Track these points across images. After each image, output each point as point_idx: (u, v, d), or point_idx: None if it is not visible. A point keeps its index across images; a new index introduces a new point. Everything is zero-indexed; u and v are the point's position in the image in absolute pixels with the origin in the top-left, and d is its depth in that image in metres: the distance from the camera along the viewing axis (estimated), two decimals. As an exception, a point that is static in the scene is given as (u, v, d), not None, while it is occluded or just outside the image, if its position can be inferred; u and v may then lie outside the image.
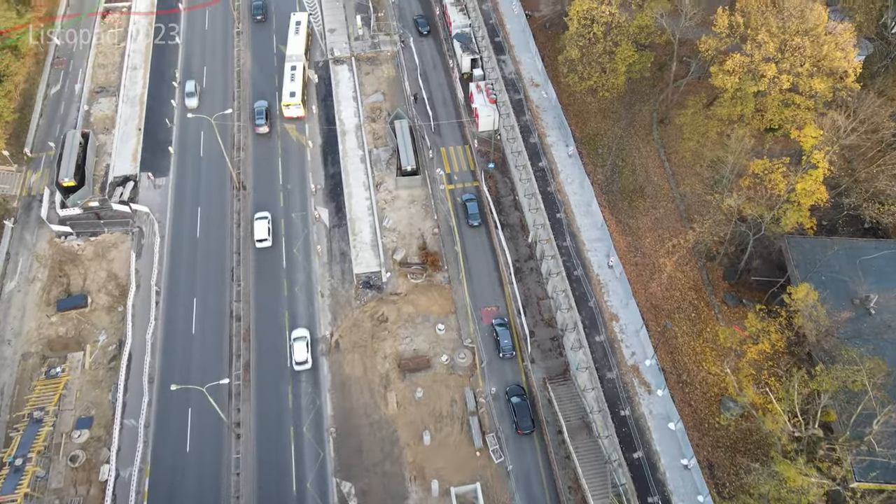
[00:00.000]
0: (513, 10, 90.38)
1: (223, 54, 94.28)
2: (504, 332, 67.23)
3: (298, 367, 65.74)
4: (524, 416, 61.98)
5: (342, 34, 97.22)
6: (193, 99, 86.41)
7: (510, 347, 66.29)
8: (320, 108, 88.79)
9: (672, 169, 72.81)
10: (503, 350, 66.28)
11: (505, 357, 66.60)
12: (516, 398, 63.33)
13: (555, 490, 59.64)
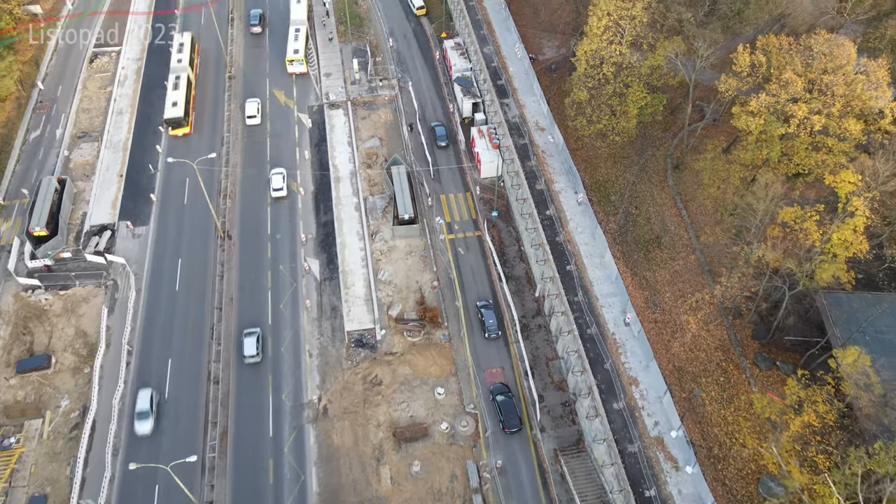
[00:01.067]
0: (516, 54, 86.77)
1: (213, 95, 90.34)
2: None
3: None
4: (511, 415, 60.00)
5: (338, 78, 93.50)
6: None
7: (516, 424, 59.68)
8: (313, 153, 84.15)
9: (690, 217, 67.38)
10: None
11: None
12: (501, 396, 61.42)
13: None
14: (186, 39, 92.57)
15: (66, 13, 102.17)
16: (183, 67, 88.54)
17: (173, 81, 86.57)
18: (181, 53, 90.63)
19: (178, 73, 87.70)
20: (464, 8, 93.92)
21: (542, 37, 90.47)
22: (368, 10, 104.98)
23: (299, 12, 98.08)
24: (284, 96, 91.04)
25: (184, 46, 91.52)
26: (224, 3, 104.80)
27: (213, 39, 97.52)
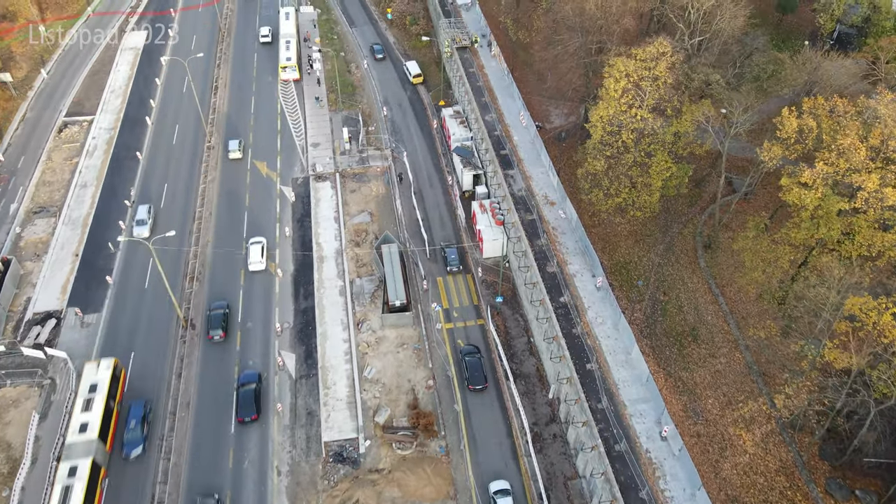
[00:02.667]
0: (521, 122, 79.22)
1: (188, 168, 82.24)
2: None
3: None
4: (477, 374, 58.80)
5: (326, 148, 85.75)
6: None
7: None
8: (295, 230, 75.11)
9: (729, 305, 57.55)
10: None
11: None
12: (469, 357, 60.12)
13: None
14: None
15: (38, 83, 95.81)
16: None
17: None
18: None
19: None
20: (463, 75, 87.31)
21: (548, 104, 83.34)
22: (362, 79, 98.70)
23: (289, 27, 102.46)
24: (266, 168, 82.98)
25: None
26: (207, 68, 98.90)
27: (193, 110, 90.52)
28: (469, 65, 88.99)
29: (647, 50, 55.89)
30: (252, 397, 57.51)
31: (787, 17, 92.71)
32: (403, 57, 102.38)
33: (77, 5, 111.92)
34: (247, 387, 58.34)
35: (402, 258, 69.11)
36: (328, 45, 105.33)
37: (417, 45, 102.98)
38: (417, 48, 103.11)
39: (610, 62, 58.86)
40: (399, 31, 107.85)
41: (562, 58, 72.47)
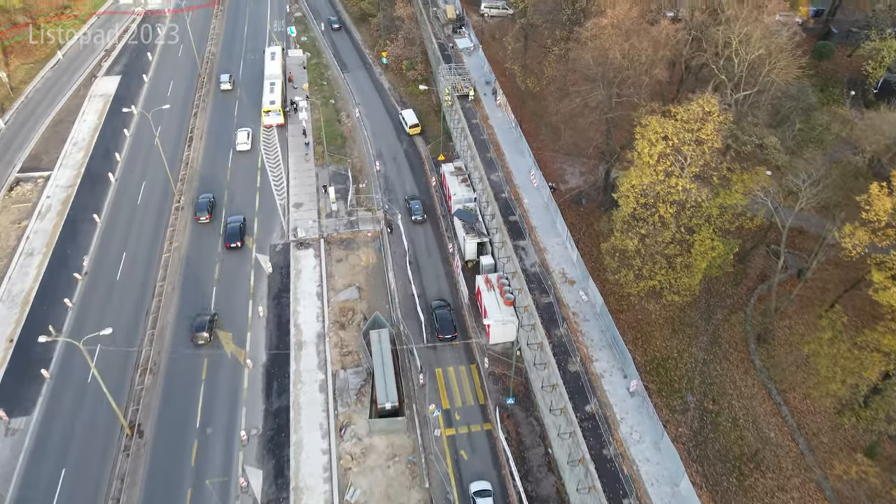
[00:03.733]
0: (531, 182, 69.28)
1: (152, 233, 71.98)
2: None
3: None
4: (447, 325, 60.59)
5: (311, 209, 75.68)
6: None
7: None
8: (271, 308, 64.49)
9: (796, 418, 46.74)
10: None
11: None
12: (441, 310, 61.82)
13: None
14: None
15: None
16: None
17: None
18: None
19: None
20: (465, 126, 77.79)
21: (562, 161, 73.60)
22: (353, 129, 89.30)
23: (274, 68, 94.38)
24: (242, 232, 72.70)
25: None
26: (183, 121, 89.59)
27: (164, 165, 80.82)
28: (472, 115, 79.59)
29: (689, 108, 46.11)
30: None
31: (823, 65, 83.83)
32: (399, 105, 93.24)
33: (45, 49, 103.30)
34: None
35: (393, 345, 58.36)
36: (317, 93, 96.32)
37: (415, 93, 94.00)
38: (415, 95, 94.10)
39: (643, 121, 49.03)
40: (395, 76, 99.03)
41: (579, 111, 62.88)
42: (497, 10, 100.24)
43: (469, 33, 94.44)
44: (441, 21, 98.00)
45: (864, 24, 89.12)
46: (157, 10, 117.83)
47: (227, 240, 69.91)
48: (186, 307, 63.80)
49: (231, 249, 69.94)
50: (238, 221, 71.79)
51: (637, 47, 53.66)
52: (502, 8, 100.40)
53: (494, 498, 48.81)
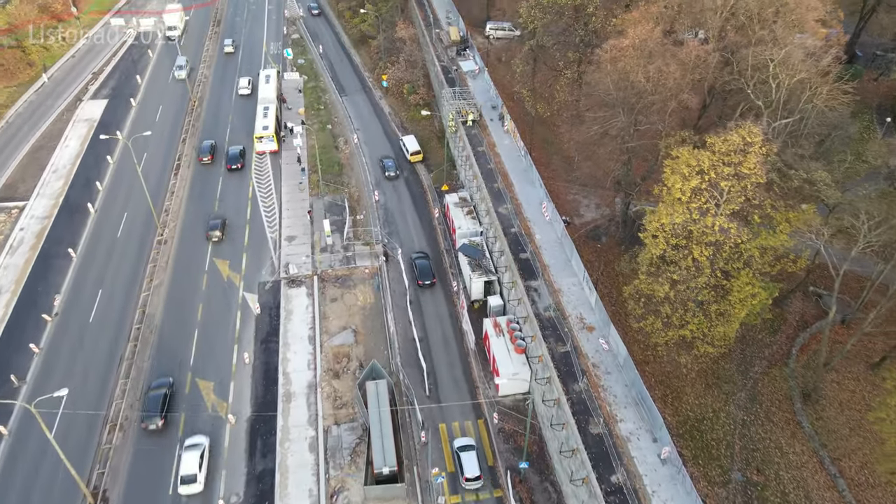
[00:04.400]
0: (543, 215, 63.77)
1: (131, 269, 66.36)
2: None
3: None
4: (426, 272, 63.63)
5: (303, 242, 70.15)
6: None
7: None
8: (257, 354, 58.61)
9: (854, 492, 40.56)
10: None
11: None
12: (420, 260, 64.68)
13: None
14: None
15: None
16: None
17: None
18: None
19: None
20: (471, 154, 72.54)
21: (576, 192, 68.12)
22: (350, 156, 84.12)
23: (269, 91, 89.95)
24: (229, 268, 67.15)
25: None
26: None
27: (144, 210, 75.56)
28: (478, 142, 74.40)
29: (728, 139, 40.69)
30: None
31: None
32: (400, 130, 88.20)
33: (29, 72, 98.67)
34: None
35: (392, 399, 52.38)
36: (314, 118, 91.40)
37: (416, 118, 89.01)
38: (416, 121, 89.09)
39: (673, 153, 43.60)
40: (396, 100, 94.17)
41: (595, 138, 57.60)
42: (503, 31, 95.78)
43: (474, 55, 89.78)
44: (444, 43, 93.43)
45: (890, 47, 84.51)
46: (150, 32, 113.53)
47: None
48: (164, 354, 57.94)
49: (216, 288, 64.27)
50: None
51: (663, 70, 48.52)
52: (508, 30, 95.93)
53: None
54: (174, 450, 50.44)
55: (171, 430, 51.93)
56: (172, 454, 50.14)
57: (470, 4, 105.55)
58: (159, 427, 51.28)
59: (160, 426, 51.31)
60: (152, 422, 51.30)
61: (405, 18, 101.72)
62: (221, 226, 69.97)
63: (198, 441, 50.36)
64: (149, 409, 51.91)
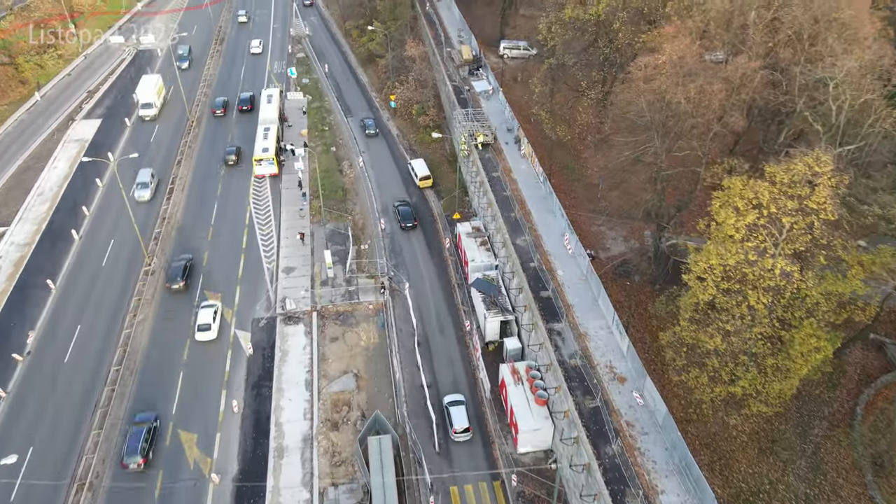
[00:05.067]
0: (565, 248, 57.95)
1: (115, 303, 60.81)
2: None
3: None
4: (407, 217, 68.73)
5: (303, 275, 64.53)
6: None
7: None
8: (247, 402, 52.67)
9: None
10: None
11: None
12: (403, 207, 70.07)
13: None
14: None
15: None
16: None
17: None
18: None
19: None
20: (485, 179, 67.03)
21: (601, 223, 62.29)
22: (356, 180, 78.81)
23: (270, 111, 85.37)
24: (220, 303, 61.42)
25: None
26: (166, 170, 79.38)
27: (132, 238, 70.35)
28: (492, 167, 68.95)
29: (791, 168, 34.94)
30: None
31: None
32: (409, 154, 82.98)
33: (22, 90, 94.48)
34: None
35: (397, 456, 46.27)
36: (318, 139, 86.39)
37: (426, 140, 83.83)
38: (426, 143, 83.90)
39: (724, 183, 37.87)
40: (404, 121, 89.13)
41: (624, 164, 52.00)
42: (518, 50, 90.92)
43: (487, 75, 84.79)
44: (456, 62, 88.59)
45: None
46: (151, 49, 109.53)
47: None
48: (144, 401, 52.07)
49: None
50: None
51: (706, 90, 43.04)
52: (523, 49, 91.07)
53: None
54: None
55: (149, 483, 45.91)
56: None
57: (483, 23, 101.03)
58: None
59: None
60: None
61: (415, 37, 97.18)
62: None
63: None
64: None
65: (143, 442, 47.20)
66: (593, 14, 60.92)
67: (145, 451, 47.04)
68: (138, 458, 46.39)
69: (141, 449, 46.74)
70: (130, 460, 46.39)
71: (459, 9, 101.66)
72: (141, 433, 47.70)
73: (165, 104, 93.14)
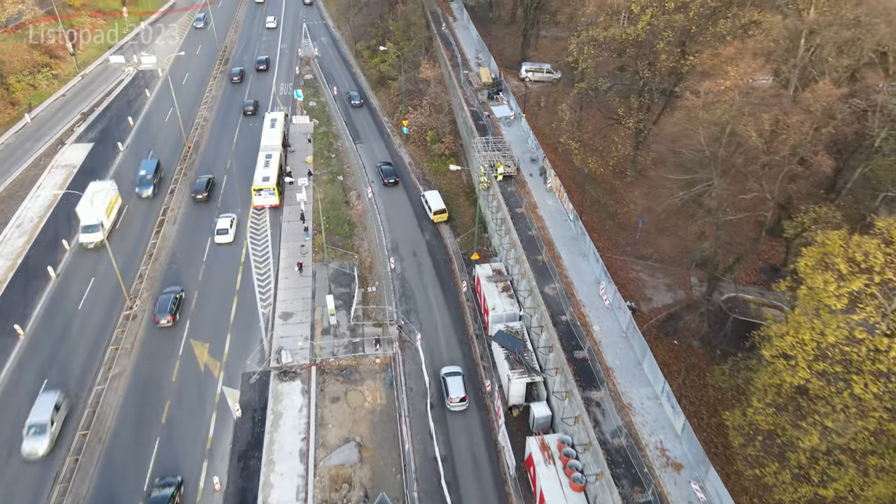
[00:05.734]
0: (602, 299, 50.43)
1: (88, 353, 53.77)
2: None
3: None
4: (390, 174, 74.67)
5: (303, 321, 57.33)
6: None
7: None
8: (232, 476, 45.17)
9: None
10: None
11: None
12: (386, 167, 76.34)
13: None
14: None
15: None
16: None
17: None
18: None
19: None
20: (507, 216, 59.88)
21: (640, 268, 54.74)
22: (364, 213, 71.88)
23: (272, 138, 78.35)
24: (208, 354, 54.35)
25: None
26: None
27: (121, 257, 63.60)
28: (515, 202, 61.84)
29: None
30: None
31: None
32: (422, 184, 76.14)
33: (11, 111, 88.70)
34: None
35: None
36: (323, 167, 79.80)
37: (441, 170, 77.03)
38: (441, 173, 77.07)
39: (817, 238, 30.45)
40: (417, 149, 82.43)
41: (672, 204, 44.66)
42: (541, 74, 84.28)
43: (508, 100, 78.12)
44: (474, 86, 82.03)
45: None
46: (152, 69, 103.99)
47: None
48: (111, 473, 44.73)
49: (189, 378, 51.40)
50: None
51: (785, 122, 35.91)
52: (547, 72, 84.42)
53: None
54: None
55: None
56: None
57: (502, 44, 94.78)
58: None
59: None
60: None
61: (430, 58, 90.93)
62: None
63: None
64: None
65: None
66: (631, 34, 54.10)
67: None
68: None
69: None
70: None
71: (477, 30, 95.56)
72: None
73: (120, 219, 69.32)
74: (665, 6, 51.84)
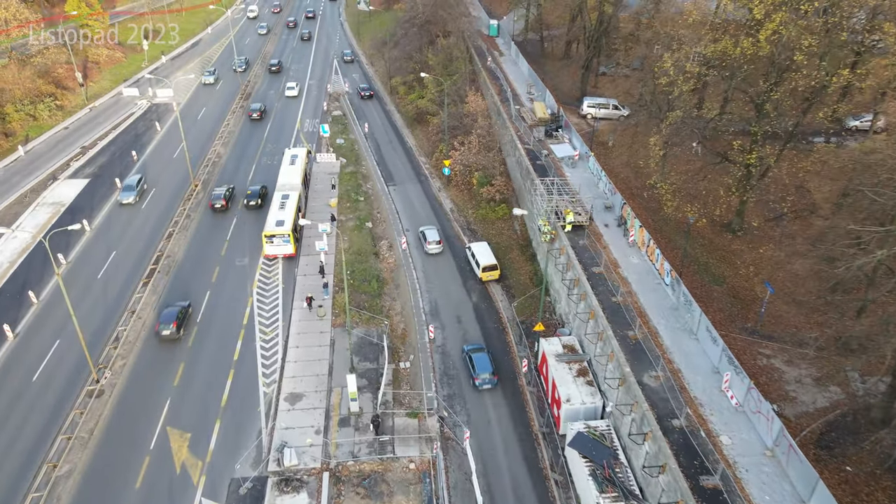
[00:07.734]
0: (726, 396, 36.23)
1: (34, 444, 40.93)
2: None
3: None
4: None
5: (314, 407, 43.92)
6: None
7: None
8: None
9: None
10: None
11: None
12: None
13: None
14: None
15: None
16: None
17: None
18: None
19: None
20: (581, 276, 46.52)
21: (769, 352, 40.16)
22: (396, 269, 59.27)
23: (292, 175, 67.34)
24: (187, 449, 41.07)
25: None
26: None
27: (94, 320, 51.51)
28: (591, 258, 48.55)
29: None
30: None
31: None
32: (467, 235, 63.53)
33: (4, 143, 79.20)
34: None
35: None
36: (349, 211, 67.88)
37: (490, 217, 64.55)
38: (490, 222, 64.53)
39: None
40: (461, 193, 70.17)
41: (845, 269, 31.10)
42: (606, 110, 72.22)
43: (570, 137, 65.98)
44: (527, 121, 70.25)
45: None
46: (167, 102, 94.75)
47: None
48: None
49: (160, 489, 38.03)
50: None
51: None
52: (613, 108, 72.36)
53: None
54: None
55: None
56: None
57: (555, 80, 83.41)
58: None
59: None
60: None
61: (476, 90, 79.79)
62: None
63: None
64: None
65: None
66: (749, 47, 41.71)
67: None
68: None
69: None
70: None
71: (528, 64, 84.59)
72: None
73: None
74: (800, 8, 39.55)
